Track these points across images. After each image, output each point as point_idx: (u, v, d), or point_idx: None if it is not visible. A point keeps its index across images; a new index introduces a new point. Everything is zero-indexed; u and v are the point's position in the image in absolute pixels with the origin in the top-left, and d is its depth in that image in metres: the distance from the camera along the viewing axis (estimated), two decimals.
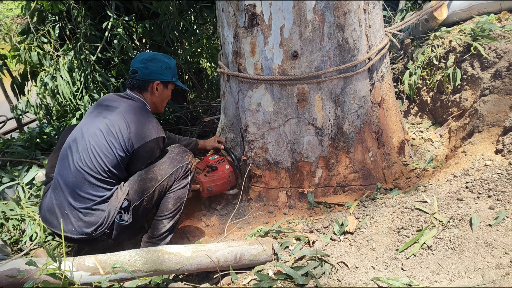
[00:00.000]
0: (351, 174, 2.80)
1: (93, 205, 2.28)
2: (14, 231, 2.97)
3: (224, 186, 2.85)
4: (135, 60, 2.55)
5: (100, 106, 2.47)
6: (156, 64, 2.52)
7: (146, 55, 2.56)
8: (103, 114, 2.39)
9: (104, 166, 2.28)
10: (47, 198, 2.42)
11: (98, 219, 2.28)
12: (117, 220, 2.30)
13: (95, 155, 2.27)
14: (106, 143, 2.29)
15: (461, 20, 3.82)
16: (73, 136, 2.40)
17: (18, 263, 1.77)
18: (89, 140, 2.31)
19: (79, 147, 2.32)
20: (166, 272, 1.92)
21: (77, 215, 2.28)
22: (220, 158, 2.94)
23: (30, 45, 4.32)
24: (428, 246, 1.95)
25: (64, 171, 2.33)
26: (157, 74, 2.52)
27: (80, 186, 2.27)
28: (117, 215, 2.30)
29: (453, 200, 2.19)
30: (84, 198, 2.27)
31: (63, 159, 2.38)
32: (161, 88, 2.56)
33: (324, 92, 2.63)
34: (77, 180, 2.28)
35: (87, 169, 2.27)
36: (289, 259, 2.08)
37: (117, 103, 2.44)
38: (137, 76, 2.50)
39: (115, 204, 2.30)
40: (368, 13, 2.70)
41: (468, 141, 2.82)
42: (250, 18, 2.51)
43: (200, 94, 5.77)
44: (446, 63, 3.40)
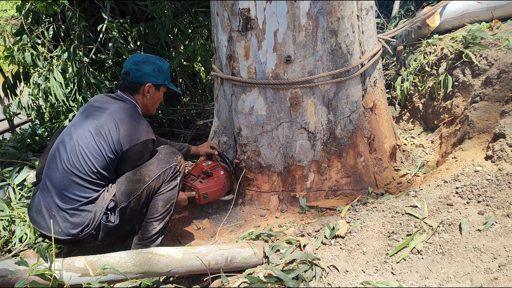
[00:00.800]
0: (343, 179, 2.81)
1: (79, 206, 2.26)
2: (4, 232, 2.94)
3: (219, 192, 2.83)
4: (128, 62, 2.53)
5: (90, 107, 2.45)
6: (149, 66, 2.51)
7: (140, 57, 2.55)
8: (93, 115, 2.38)
9: (92, 167, 2.26)
10: (36, 199, 2.40)
11: (84, 220, 2.26)
12: (104, 222, 2.28)
13: (83, 157, 2.26)
14: (95, 145, 2.27)
15: (453, 28, 3.86)
16: (62, 137, 2.39)
17: (7, 263, 1.75)
18: (77, 141, 2.29)
19: (67, 148, 2.31)
20: (156, 274, 1.91)
21: (63, 216, 2.26)
22: (214, 163, 2.93)
23: (24, 46, 4.30)
24: (418, 250, 1.96)
25: (52, 172, 2.32)
26: (150, 76, 2.51)
27: (67, 187, 2.26)
28: (103, 216, 2.27)
29: (443, 205, 2.21)
30: (71, 199, 2.26)
31: (51, 160, 2.36)
32: (153, 91, 2.55)
33: (317, 96, 2.65)
34: (64, 181, 2.26)
35: (75, 170, 2.25)
36: (280, 262, 2.09)
37: (107, 105, 2.43)
38: (129, 77, 2.49)
39: (101, 205, 2.28)
40: (362, 19, 2.73)
41: (458, 147, 2.84)
42: (244, 22, 2.53)
43: (193, 98, 5.78)
44: (438, 70, 3.44)
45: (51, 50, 4.44)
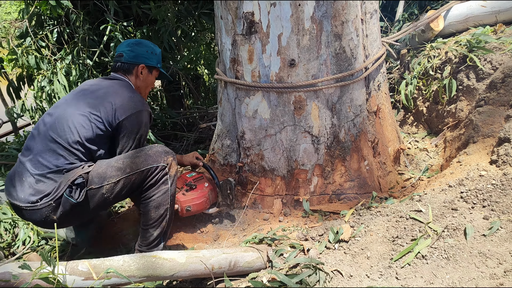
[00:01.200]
0: (346, 183, 2.81)
1: (47, 173, 2.19)
2: (6, 236, 2.94)
3: (203, 205, 2.74)
4: (120, 45, 2.58)
5: (83, 86, 2.48)
6: (142, 48, 2.56)
7: (133, 40, 2.61)
8: (86, 92, 2.39)
9: (76, 136, 2.22)
10: (12, 169, 2.36)
11: (46, 188, 2.17)
12: (66, 195, 2.14)
13: (69, 125, 2.23)
14: (85, 114, 2.25)
15: (457, 32, 3.85)
16: (50, 110, 2.37)
17: (10, 266, 1.75)
18: (66, 109, 2.28)
19: (54, 115, 2.29)
20: (160, 278, 1.91)
21: (30, 182, 2.20)
22: (199, 175, 2.84)
23: (28, 49, 4.31)
24: (423, 255, 1.95)
25: (32, 139, 2.29)
26: (143, 57, 2.55)
27: (43, 152, 2.21)
28: (67, 189, 2.15)
29: (448, 210, 2.20)
30: (42, 164, 2.20)
31: (34, 128, 2.34)
32: (145, 73, 2.58)
33: (320, 100, 2.64)
34: (42, 146, 2.22)
35: (55, 136, 2.21)
36: (284, 266, 2.08)
37: (102, 82, 2.46)
38: (122, 59, 2.53)
39: (68, 177, 2.17)
40: (366, 23, 2.72)
41: (463, 152, 2.83)
42: (248, 25, 2.53)
43: (197, 100, 5.78)
44: (442, 74, 3.43)
45: (55, 53, 4.45)
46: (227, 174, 3.07)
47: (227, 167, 3.07)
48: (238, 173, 2.98)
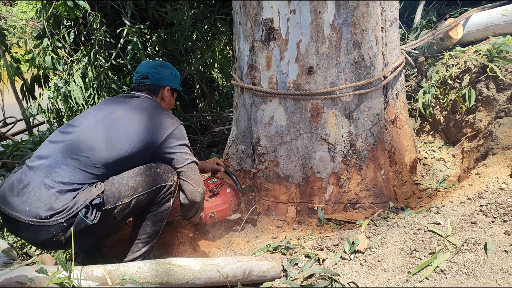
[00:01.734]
0: (362, 192, 2.77)
1: (64, 189, 2.03)
2: None
3: (226, 212, 2.73)
4: (143, 66, 2.53)
5: (108, 101, 2.41)
6: (167, 70, 2.53)
7: (156, 61, 2.58)
8: (110, 106, 2.32)
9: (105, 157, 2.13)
10: (13, 175, 2.15)
11: (60, 205, 1.99)
12: (81, 215, 2.00)
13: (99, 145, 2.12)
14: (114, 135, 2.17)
15: (476, 41, 3.81)
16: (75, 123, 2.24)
17: (26, 270, 1.75)
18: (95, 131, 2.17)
19: (79, 131, 2.17)
20: (174, 285, 1.89)
21: (39, 194, 2.00)
22: (220, 181, 2.81)
23: (44, 49, 4.35)
24: (442, 269, 1.91)
25: (50, 149, 2.13)
26: (168, 80, 2.52)
27: (62, 164, 2.06)
28: (83, 208, 2.01)
29: (467, 223, 2.15)
30: (59, 178, 2.03)
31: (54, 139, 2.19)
32: (169, 95, 2.55)
33: (338, 108, 2.61)
34: (61, 159, 2.08)
35: (79, 151, 2.08)
36: (299, 276, 2.05)
37: (130, 100, 2.39)
38: (148, 80, 2.47)
39: (86, 196, 2.03)
40: (385, 31, 2.70)
41: (482, 163, 2.78)
42: (267, 32, 2.51)
43: (210, 104, 5.78)
44: (461, 83, 3.38)
45: (71, 54, 4.48)
46: (241, 180, 3.06)
47: (241, 172, 3.06)
48: (252, 179, 2.96)
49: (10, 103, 5.75)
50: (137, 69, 2.55)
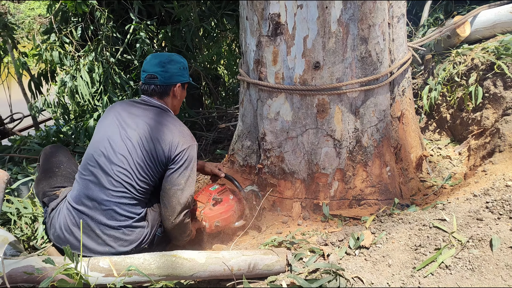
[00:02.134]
0: (367, 188, 2.77)
1: (133, 223, 2.19)
2: (26, 230, 2.98)
3: (231, 219, 2.65)
4: (149, 64, 2.41)
5: (122, 116, 2.34)
6: (175, 65, 2.42)
7: (162, 57, 2.43)
8: (132, 125, 2.28)
9: (146, 181, 2.21)
10: (60, 218, 2.26)
11: (139, 236, 2.20)
12: (158, 234, 2.25)
13: (135, 173, 2.18)
14: (146, 158, 2.20)
15: (484, 38, 3.79)
16: (98, 151, 2.26)
17: (33, 260, 1.77)
18: (127, 155, 2.20)
19: (114, 162, 2.20)
20: (179, 278, 1.90)
21: (112, 235, 2.17)
22: (222, 187, 2.71)
23: (52, 45, 4.38)
24: (447, 265, 1.91)
25: (96, 190, 2.19)
26: (178, 76, 2.44)
27: (118, 204, 2.16)
28: (158, 228, 2.26)
29: (473, 219, 2.15)
30: (122, 215, 2.17)
31: (90, 175, 2.23)
32: (180, 90, 2.49)
33: (344, 104, 2.61)
34: (113, 198, 2.17)
35: (128, 186, 2.17)
36: (303, 271, 2.06)
37: (142, 112, 2.34)
38: (157, 81, 2.38)
39: (156, 217, 2.25)
40: (393, 27, 2.69)
41: (488, 160, 2.77)
42: (274, 27, 2.51)
43: (216, 100, 5.79)
44: (468, 81, 3.37)
45: (79, 49, 4.51)
46: (247, 175, 3.06)
47: (246, 168, 3.06)
48: (257, 175, 2.96)
49: (17, 99, 5.79)
50: (143, 66, 2.43)
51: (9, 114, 5.81)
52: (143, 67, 2.44)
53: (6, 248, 2.64)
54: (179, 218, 2.28)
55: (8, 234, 2.77)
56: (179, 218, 2.28)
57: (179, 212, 2.27)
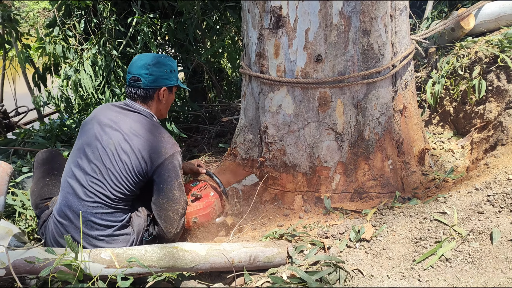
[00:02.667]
0: (369, 181, 2.77)
1: (114, 231, 2.16)
2: (31, 221, 3.00)
3: (210, 216, 2.57)
4: (134, 66, 2.28)
5: (101, 123, 2.24)
6: (160, 68, 2.28)
7: (147, 58, 2.30)
8: (109, 133, 2.19)
9: (121, 191, 2.14)
10: (50, 231, 2.22)
11: (125, 244, 2.17)
12: (145, 238, 2.24)
13: (109, 183, 2.12)
14: (120, 170, 2.13)
15: (488, 31, 3.76)
16: (75, 161, 2.20)
17: (36, 251, 1.79)
18: (97, 166, 2.14)
19: (88, 173, 2.15)
20: (180, 269, 1.92)
21: (97, 245, 2.13)
22: (203, 184, 2.63)
23: (55, 38, 4.38)
24: (447, 258, 1.91)
25: (74, 201, 2.14)
26: (163, 79, 2.30)
27: (96, 214, 2.12)
28: (145, 233, 2.24)
29: (474, 213, 2.15)
30: (102, 226, 2.14)
31: (68, 187, 2.19)
32: (166, 94, 2.36)
33: (346, 97, 2.61)
34: (92, 209, 2.12)
35: (102, 196, 2.12)
36: (304, 263, 2.07)
37: (122, 118, 2.24)
38: (140, 84, 2.26)
39: (141, 223, 2.24)
40: (395, 19, 2.67)
41: (491, 154, 2.76)
42: (275, 19, 2.51)
43: (219, 94, 5.79)
44: (471, 74, 3.35)
45: (82, 42, 4.51)
46: (248, 169, 3.07)
47: (248, 161, 3.07)
48: (259, 168, 2.97)
49: (22, 92, 5.82)
50: (129, 67, 2.32)
51: (14, 107, 5.84)
52: (128, 68, 2.33)
53: (10, 240, 2.67)
54: (179, 227, 2.27)
55: (12, 226, 2.80)
56: (179, 227, 2.27)
57: (178, 221, 2.25)
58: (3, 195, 2.25)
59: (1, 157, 3.81)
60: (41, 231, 2.30)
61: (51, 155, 2.55)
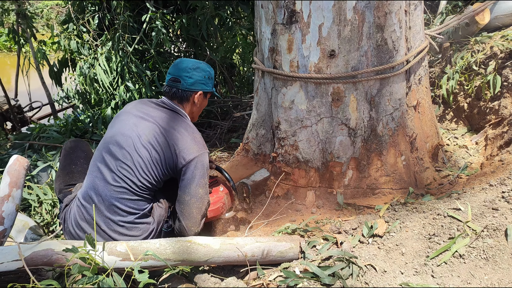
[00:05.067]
0: (382, 177, 2.76)
1: (136, 219, 2.19)
2: (46, 215, 3.05)
3: (220, 211, 2.56)
4: (176, 67, 2.40)
5: (137, 115, 2.31)
6: (200, 73, 2.38)
7: (189, 62, 2.41)
8: (145, 124, 2.25)
9: (148, 180, 2.18)
10: (72, 214, 2.27)
11: (144, 232, 2.20)
12: (164, 230, 2.26)
13: (138, 170, 2.16)
14: (152, 157, 2.18)
15: (504, 26, 3.71)
16: (107, 147, 2.25)
17: (53, 244, 1.82)
18: (132, 152, 2.18)
19: (119, 158, 2.19)
20: (194, 263, 1.94)
21: (118, 231, 2.16)
22: (212, 179, 2.66)
23: (70, 34, 4.43)
24: (460, 254, 1.90)
25: (100, 185, 2.19)
26: (201, 84, 2.39)
27: (121, 199, 2.16)
28: (164, 224, 2.27)
29: (488, 209, 2.13)
30: (125, 211, 2.17)
31: (96, 171, 2.24)
32: (201, 99, 2.43)
33: (359, 92, 2.60)
34: (117, 194, 2.16)
35: (130, 182, 2.16)
36: (316, 258, 2.07)
37: (159, 113, 2.32)
38: (179, 85, 2.35)
39: (162, 213, 2.26)
40: (409, 14, 2.65)
41: (505, 150, 2.74)
42: (289, 15, 2.51)
43: (231, 89, 5.80)
44: (486, 69, 3.31)
45: (96, 38, 4.55)
46: (261, 164, 3.08)
47: (260, 156, 3.08)
48: (271, 163, 2.98)
49: (36, 87, 5.90)
50: (170, 69, 2.43)
51: (28, 102, 5.92)
52: (169, 69, 2.43)
53: (26, 233, 2.73)
54: (200, 227, 2.29)
55: (28, 219, 2.86)
56: (200, 227, 2.29)
57: (200, 220, 2.28)
58: (20, 189, 2.29)
59: (17, 151, 3.87)
60: (63, 215, 2.33)
61: (79, 144, 2.63)
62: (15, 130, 5.43)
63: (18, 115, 5.50)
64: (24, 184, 2.41)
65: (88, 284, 1.66)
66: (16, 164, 2.29)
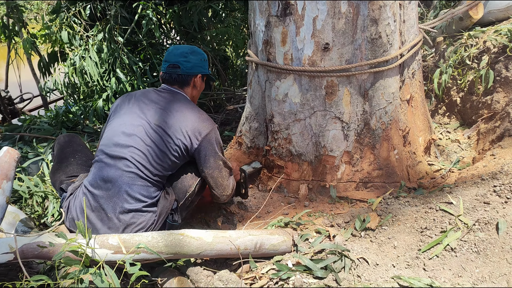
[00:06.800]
0: (374, 171, 2.77)
1: (143, 207, 2.16)
2: (38, 207, 3.02)
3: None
4: (172, 54, 2.44)
5: (144, 101, 2.33)
6: (196, 56, 2.45)
7: (184, 48, 2.46)
8: (154, 109, 2.28)
9: (161, 165, 2.19)
10: (77, 202, 2.24)
11: (148, 221, 2.17)
12: (169, 221, 2.26)
13: (152, 155, 2.17)
14: (165, 141, 2.20)
15: (497, 20, 3.72)
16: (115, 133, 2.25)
17: (45, 237, 1.80)
18: (144, 137, 2.19)
19: (131, 145, 2.18)
20: (186, 256, 1.93)
21: (123, 219, 2.13)
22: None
23: (61, 24, 4.37)
24: (452, 248, 1.92)
25: (110, 172, 2.17)
26: (198, 67, 2.45)
27: (132, 185, 2.15)
28: (169, 216, 2.27)
29: (480, 203, 2.15)
30: (135, 198, 2.15)
31: (106, 158, 2.21)
32: (200, 81, 2.50)
33: (353, 86, 2.60)
34: (130, 180, 2.15)
35: (142, 168, 2.16)
36: (309, 251, 2.08)
37: (164, 98, 2.35)
38: (179, 70, 2.40)
39: (166, 206, 2.24)
40: (404, 8, 2.65)
41: (497, 144, 2.75)
42: (283, 7, 2.49)
43: (224, 82, 5.77)
44: (479, 64, 3.32)
45: (87, 29, 4.49)
46: (254, 157, 3.08)
47: (254, 149, 3.07)
48: (265, 156, 2.98)
49: (26, 79, 5.82)
50: (165, 57, 2.47)
51: (19, 94, 5.85)
52: (165, 57, 2.47)
53: (17, 225, 2.70)
54: (230, 188, 2.43)
55: (19, 211, 2.83)
56: (230, 189, 2.42)
57: (228, 184, 2.40)
58: (11, 181, 2.26)
59: (8, 143, 3.83)
60: (66, 203, 2.29)
61: (73, 139, 2.63)
62: (6, 121, 5.37)
63: (8, 106, 5.43)
64: (15, 176, 2.37)
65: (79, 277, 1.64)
66: (7, 156, 2.25)
